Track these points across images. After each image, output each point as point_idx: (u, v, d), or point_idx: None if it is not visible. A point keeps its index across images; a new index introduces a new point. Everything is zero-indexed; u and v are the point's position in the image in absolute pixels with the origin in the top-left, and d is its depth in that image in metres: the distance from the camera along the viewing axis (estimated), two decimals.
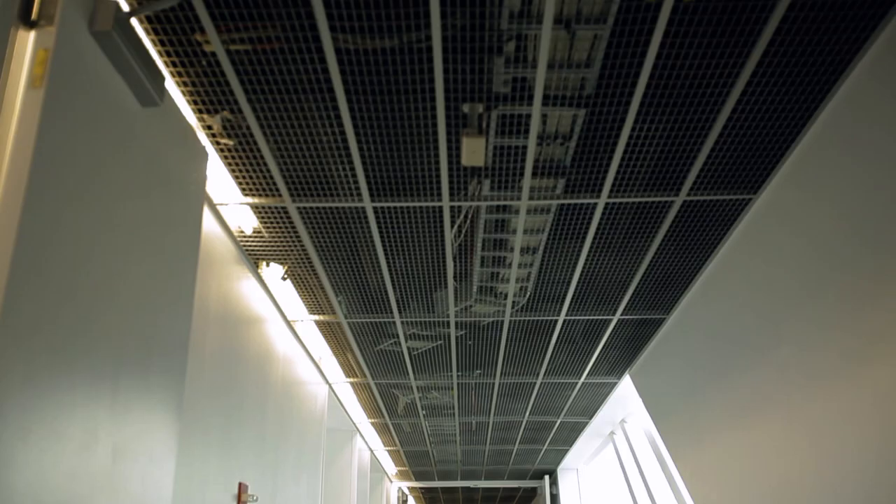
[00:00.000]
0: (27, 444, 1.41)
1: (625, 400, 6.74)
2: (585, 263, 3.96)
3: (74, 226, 1.64)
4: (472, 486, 11.89)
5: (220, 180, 3.12)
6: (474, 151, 2.84)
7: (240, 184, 3.16)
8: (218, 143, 2.89)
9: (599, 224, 3.53)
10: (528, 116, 2.74)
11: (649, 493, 6.87)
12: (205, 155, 2.59)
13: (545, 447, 9.09)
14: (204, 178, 2.61)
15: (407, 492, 13.17)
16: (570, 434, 8.37)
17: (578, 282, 4.20)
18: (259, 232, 3.57)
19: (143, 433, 1.96)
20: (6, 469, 1.33)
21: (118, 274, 1.85)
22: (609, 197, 3.28)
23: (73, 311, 1.61)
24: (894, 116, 2.29)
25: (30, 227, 1.46)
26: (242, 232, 3.56)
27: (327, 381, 5.89)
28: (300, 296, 4.37)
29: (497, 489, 13.34)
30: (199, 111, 2.70)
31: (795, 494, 3.13)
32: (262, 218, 3.43)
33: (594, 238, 3.67)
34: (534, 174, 3.12)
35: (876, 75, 2.36)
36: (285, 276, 4.02)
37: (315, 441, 5.31)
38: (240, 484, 3.36)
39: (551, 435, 8.38)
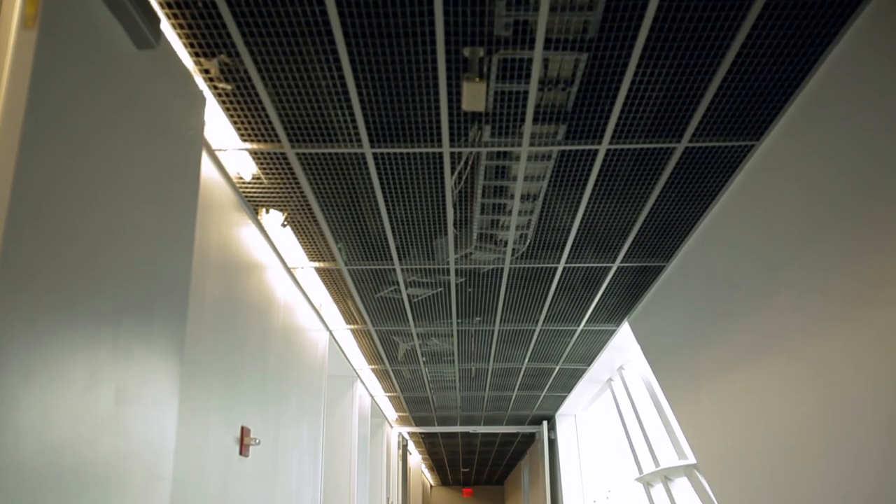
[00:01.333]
0: (31, 385, 1.42)
1: (623, 347, 6.79)
2: (586, 211, 3.95)
3: (71, 169, 1.63)
4: (471, 431, 12.07)
5: (218, 125, 3.09)
6: (475, 96, 2.81)
7: (238, 129, 3.13)
8: (215, 88, 2.85)
9: (600, 171, 3.51)
10: (530, 61, 2.70)
11: (646, 438, 6.97)
12: (202, 99, 2.56)
13: (544, 393, 9.19)
14: (202, 123, 2.59)
15: (407, 437, 13.37)
16: (569, 380, 8.46)
17: (579, 229, 4.19)
18: (258, 178, 3.55)
19: (146, 376, 1.98)
20: (10, 410, 1.35)
21: (117, 219, 1.84)
22: (611, 143, 3.26)
23: (73, 255, 1.61)
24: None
25: (27, 171, 1.45)
26: (241, 178, 3.54)
27: (328, 328, 5.93)
28: (300, 242, 4.37)
29: (496, 434, 13.55)
30: (196, 55, 2.66)
31: (794, 437, 3.17)
32: (261, 164, 3.41)
33: (595, 185, 3.65)
34: (535, 120, 3.09)
35: (879, 25, 2.33)
36: (285, 222, 4.01)
37: (316, 387, 5.37)
38: (242, 427, 3.40)
39: (550, 381, 8.47)
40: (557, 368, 7.82)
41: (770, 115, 3.05)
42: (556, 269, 4.81)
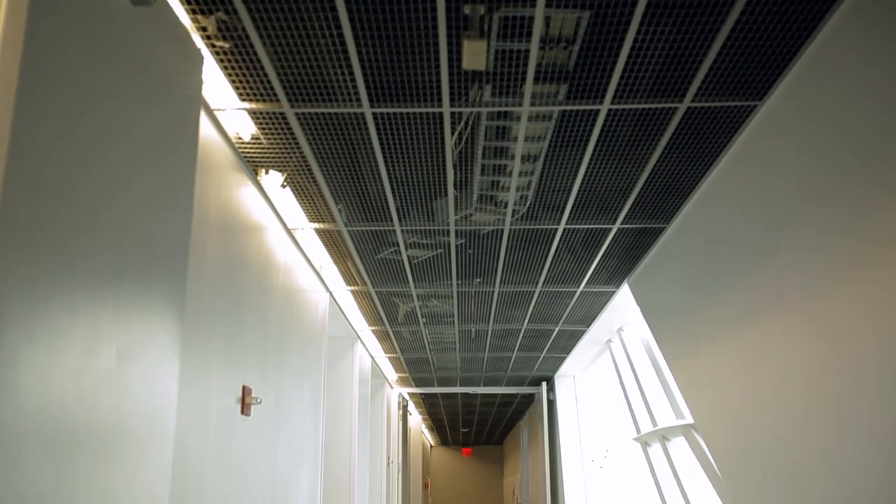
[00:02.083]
0: (32, 343, 1.43)
1: (623, 309, 6.82)
2: (586, 172, 3.94)
3: (69, 128, 1.61)
4: (470, 392, 12.16)
5: (216, 85, 3.06)
6: (475, 55, 2.78)
7: (236, 88, 3.11)
8: (213, 46, 2.82)
9: (601, 131, 3.49)
10: (531, 18, 2.67)
11: (644, 399, 7.03)
12: (200, 58, 2.53)
13: (543, 354, 9.25)
14: (200, 82, 2.57)
15: (407, 397, 13.49)
16: (568, 342, 8.50)
17: (579, 190, 4.18)
18: (257, 138, 3.53)
19: (147, 335, 1.99)
20: (13, 367, 1.35)
21: (115, 178, 1.83)
22: (612, 103, 3.23)
23: (73, 215, 1.61)
24: None
25: (23, 131, 1.43)
26: (240, 138, 3.52)
27: (328, 289, 5.95)
28: (300, 203, 4.36)
29: (495, 395, 13.66)
30: (193, 11, 2.62)
31: (793, 395, 3.19)
32: (260, 124, 3.39)
33: (596, 146, 3.63)
34: (536, 79, 3.06)
35: None
36: (284, 183, 4.00)
37: (316, 348, 5.40)
38: (243, 387, 3.43)
39: (549, 343, 8.51)
40: (557, 330, 7.86)
41: (773, 75, 3.02)
42: (556, 230, 4.81)
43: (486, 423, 19.84)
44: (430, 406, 16.26)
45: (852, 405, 2.66)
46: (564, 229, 4.79)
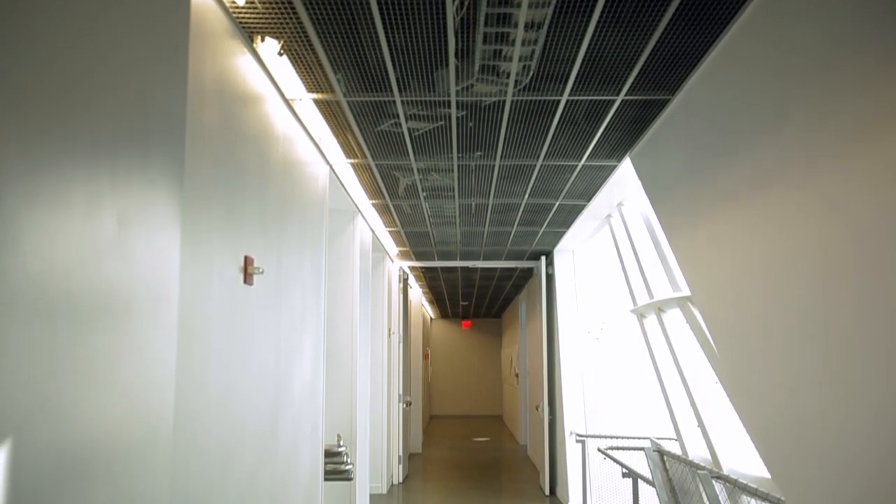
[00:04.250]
0: (32, 208, 1.43)
1: (623, 183, 6.80)
2: (591, 40, 3.83)
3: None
4: (470, 266, 12.32)
5: None
6: None
7: None
8: None
9: None
10: None
11: (642, 272, 7.12)
12: None
13: (542, 229, 9.30)
14: None
15: (408, 271, 13.68)
16: (568, 217, 8.53)
17: (583, 60, 4.08)
18: (252, 2, 3.41)
19: (146, 203, 1.99)
20: (13, 230, 1.36)
21: (106, 43, 1.78)
22: None
23: (64, 81, 1.57)
24: None
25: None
26: (234, 3, 3.40)
27: (328, 162, 5.91)
28: (298, 73, 4.26)
29: (495, 269, 13.85)
30: None
31: (789, 265, 3.23)
32: None
33: (602, 12, 3.51)
34: None
35: None
36: (281, 51, 3.90)
37: (317, 220, 5.42)
38: (245, 257, 3.46)
39: (549, 217, 8.54)
40: (557, 204, 7.87)
41: None
42: (559, 101, 4.72)
43: (486, 297, 20.21)
44: (430, 280, 16.52)
45: (851, 275, 2.69)
46: (567, 101, 4.71)
